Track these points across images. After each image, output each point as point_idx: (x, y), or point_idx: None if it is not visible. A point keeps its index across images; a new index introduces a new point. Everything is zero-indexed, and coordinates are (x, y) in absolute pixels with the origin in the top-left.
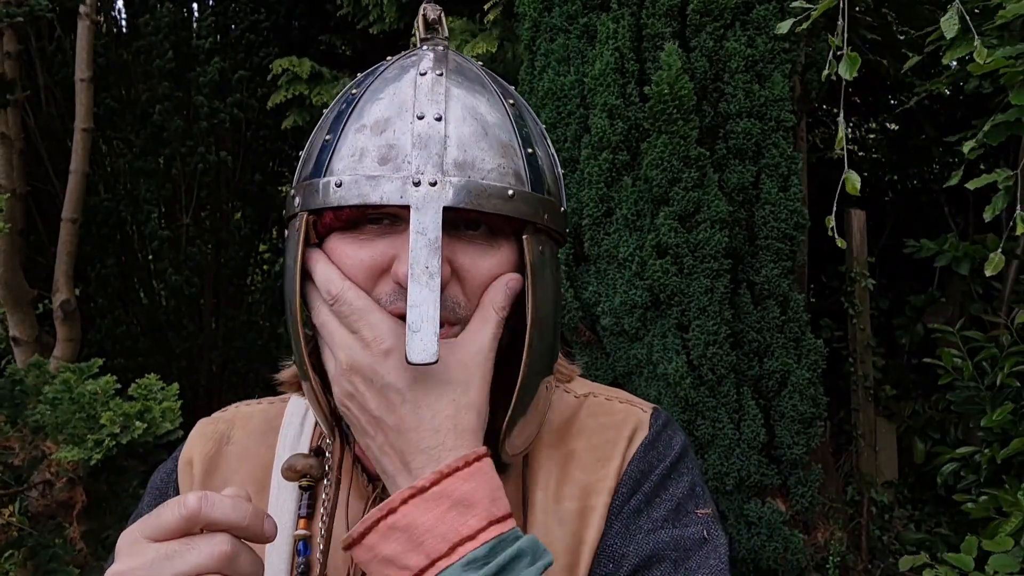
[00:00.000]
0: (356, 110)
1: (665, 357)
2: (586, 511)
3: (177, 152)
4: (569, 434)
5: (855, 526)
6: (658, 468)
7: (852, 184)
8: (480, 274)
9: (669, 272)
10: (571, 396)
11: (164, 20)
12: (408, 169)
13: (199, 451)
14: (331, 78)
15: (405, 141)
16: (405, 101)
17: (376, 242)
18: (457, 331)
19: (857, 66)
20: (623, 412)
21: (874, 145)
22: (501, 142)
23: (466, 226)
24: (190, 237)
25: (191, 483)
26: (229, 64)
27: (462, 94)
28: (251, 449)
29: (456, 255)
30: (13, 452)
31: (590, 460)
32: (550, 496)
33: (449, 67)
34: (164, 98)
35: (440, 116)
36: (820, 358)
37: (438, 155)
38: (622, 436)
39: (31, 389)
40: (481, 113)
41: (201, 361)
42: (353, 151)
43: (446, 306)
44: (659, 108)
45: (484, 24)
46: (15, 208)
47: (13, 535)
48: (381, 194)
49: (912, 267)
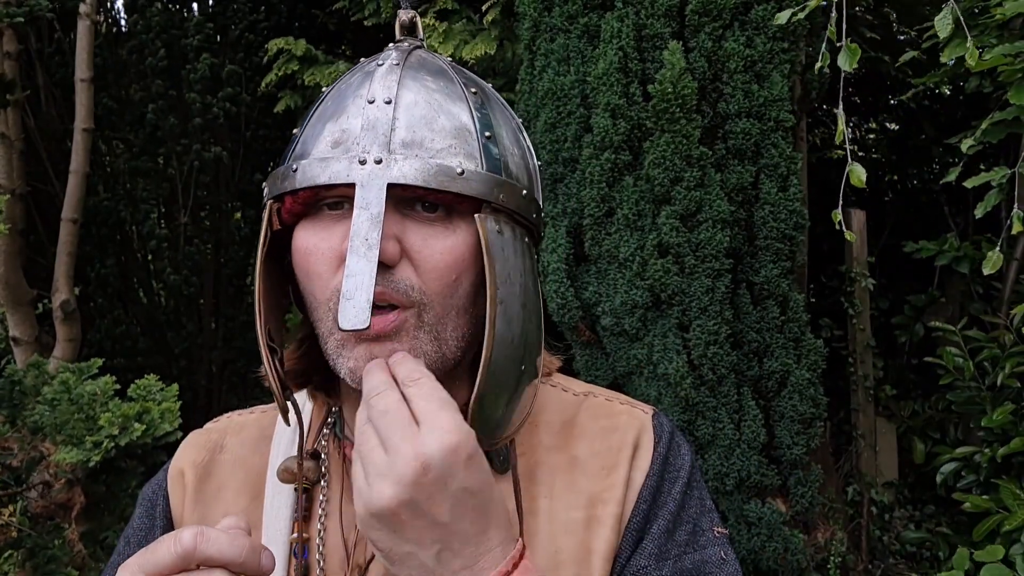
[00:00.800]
0: (322, 104)
1: (665, 357)
2: (592, 521)
3: (173, 150)
4: (571, 436)
5: (855, 526)
6: (676, 485)
7: (857, 176)
8: (432, 255)
9: (670, 272)
10: (569, 395)
11: (155, 19)
12: (356, 149)
13: (190, 460)
14: (325, 61)
15: (355, 124)
16: (360, 90)
17: (334, 228)
18: (412, 315)
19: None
20: (625, 415)
21: (874, 145)
22: (454, 125)
23: (423, 208)
24: (188, 237)
25: (183, 492)
26: (220, 59)
27: (416, 82)
28: (244, 457)
29: (407, 234)
30: (12, 453)
31: (594, 468)
32: (556, 504)
33: (410, 60)
34: (158, 97)
35: (390, 100)
36: (820, 358)
37: (384, 135)
38: (626, 443)
39: (30, 389)
40: (436, 98)
41: (201, 361)
42: (312, 140)
43: (398, 288)
44: (662, 107)
45: (483, 24)
46: (15, 208)
47: (12, 536)
48: (330, 174)
49: (912, 267)
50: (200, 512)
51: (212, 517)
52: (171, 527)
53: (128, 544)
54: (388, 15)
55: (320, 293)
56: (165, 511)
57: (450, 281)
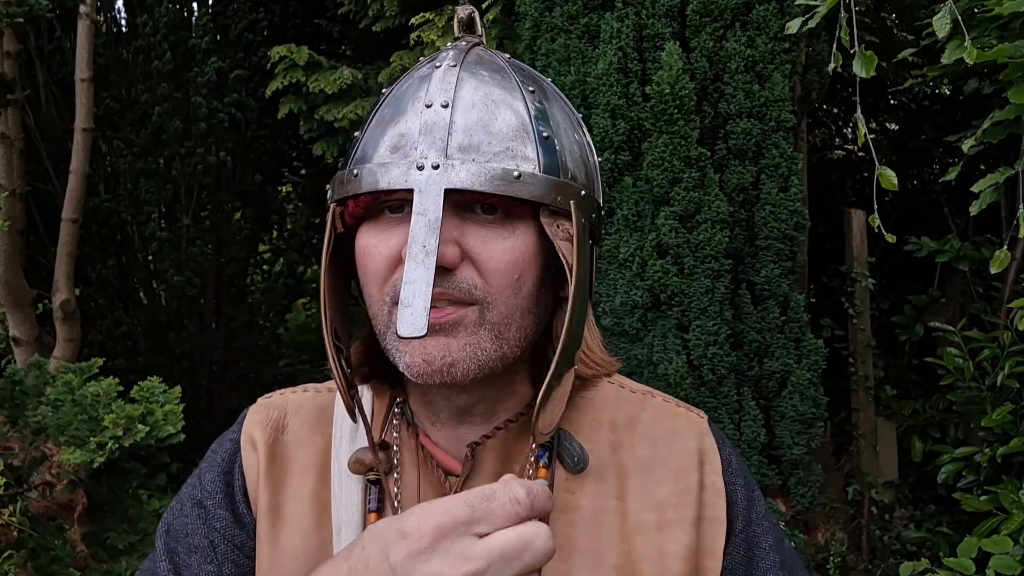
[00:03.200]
0: (382, 107)
1: (665, 357)
2: (663, 524)
3: (177, 153)
4: (635, 436)
5: (855, 526)
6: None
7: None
8: (493, 256)
9: (669, 272)
10: (627, 391)
11: (163, 20)
12: (414, 155)
13: (260, 436)
14: (328, 67)
15: (413, 129)
16: (419, 92)
17: (394, 231)
18: (474, 312)
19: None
20: (684, 419)
21: (874, 145)
22: (511, 126)
23: (483, 210)
24: (190, 238)
25: (256, 467)
26: (228, 63)
27: (475, 83)
28: (306, 438)
29: (467, 237)
30: (13, 452)
31: (663, 472)
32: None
33: (468, 59)
34: (163, 99)
35: (447, 103)
36: (820, 358)
37: (442, 140)
38: (691, 449)
39: (31, 390)
40: (493, 99)
41: (202, 362)
42: (372, 144)
43: (460, 288)
44: (660, 108)
45: (483, 23)
46: (15, 208)
47: (13, 536)
48: (389, 180)
49: (912, 267)
50: (270, 493)
51: (281, 500)
52: (248, 500)
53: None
54: (394, 18)
55: (377, 292)
56: (242, 482)
57: (513, 280)
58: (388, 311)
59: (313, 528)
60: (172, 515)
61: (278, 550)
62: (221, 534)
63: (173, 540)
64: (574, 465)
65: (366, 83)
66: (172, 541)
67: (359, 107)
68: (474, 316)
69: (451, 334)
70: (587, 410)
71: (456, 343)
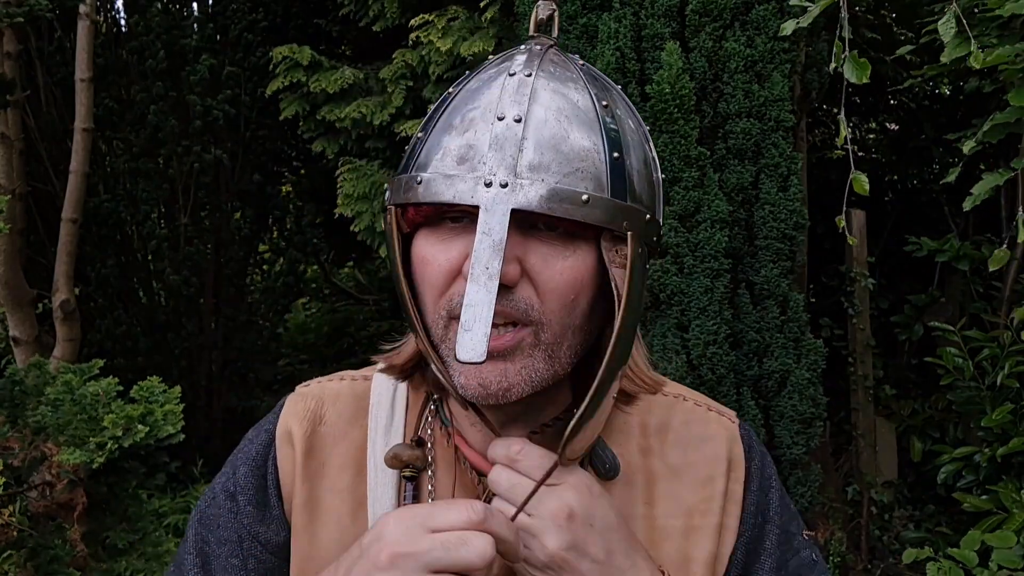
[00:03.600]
0: (448, 110)
1: (665, 357)
2: (690, 530)
3: (173, 152)
4: (665, 442)
5: (855, 526)
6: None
7: (860, 185)
8: (552, 276)
9: (669, 272)
10: (660, 395)
11: (155, 20)
12: (482, 170)
13: (298, 430)
14: (330, 67)
15: (483, 141)
16: (491, 102)
17: (453, 242)
18: (530, 333)
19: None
20: (715, 423)
21: (874, 145)
22: (583, 146)
23: (545, 227)
24: (189, 237)
25: (292, 462)
26: (220, 60)
27: (549, 95)
28: (344, 430)
29: (528, 255)
30: (13, 452)
31: (691, 478)
32: (654, 511)
33: (542, 67)
34: (158, 98)
35: (520, 118)
36: (820, 358)
37: (512, 157)
38: (720, 455)
39: (31, 389)
40: (566, 114)
41: (201, 361)
42: (437, 150)
43: (518, 308)
44: (660, 107)
45: (482, 22)
46: (15, 208)
47: (13, 535)
48: (454, 193)
49: (912, 267)
50: (308, 488)
51: (318, 493)
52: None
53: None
54: (394, 19)
55: (433, 303)
56: (276, 477)
57: (568, 301)
58: (444, 324)
59: (349, 523)
60: (206, 503)
61: (314, 543)
62: (248, 530)
63: (205, 529)
64: (605, 472)
65: (367, 82)
66: (204, 530)
67: (361, 106)
68: (530, 339)
69: (508, 359)
70: (617, 414)
71: (513, 368)
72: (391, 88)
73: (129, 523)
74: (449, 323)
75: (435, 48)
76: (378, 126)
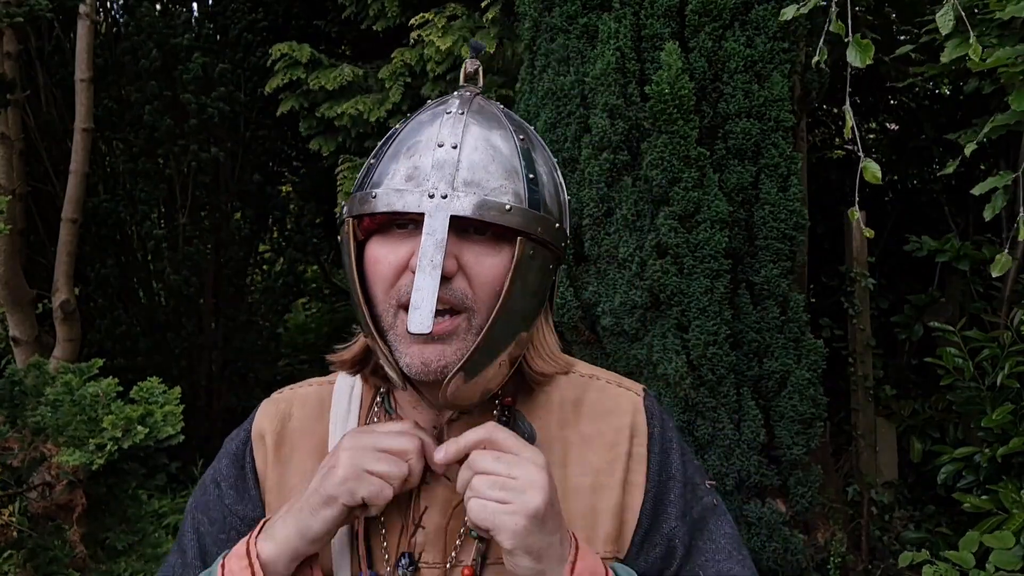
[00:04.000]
0: (396, 141)
1: (665, 357)
2: (597, 487)
3: (170, 151)
4: (580, 415)
5: (855, 526)
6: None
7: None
8: (483, 270)
9: (669, 272)
10: (576, 376)
11: (145, 20)
12: (426, 185)
13: (269, 428)
14: (329, 65)
15: (427, 163)
16: (432, 134)
17: (401, 244)
18: (464, 319)
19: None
20: (622, 398)
21: (874, 145)
22: (506, 168)
23: (476, 231)
24: (188, 237)
25: (265, 455)
26: (212, 58)
27: (478, 129)
28: (309, 426)
29: (463, 253)
30: (12, 453)
31: (599, 444)
32: (567, 472)
33: (472, 108)
34: (153, 97)
35: (456, 145)
36: (820, 358)
37: (450, 175)
38: (624, 425)
39: (31, 390)
40: (493, 144)
41: (201, 361)
42: (388, 172)
43: (455, 296)
44: (659, 108)
45: (483, 22)
46: (15, 208)
47: (12, 536)
48: (404, 203)
49: (912, 267)
50: (278, 472)
51: (288, 476)
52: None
53: (218, 485)
54: (395, 18)
55: (383, 295)
56: (252, 467)
57: (495, 292)
58: (393, 312)
59: None
60: (199, 492)
61: None
62: (230, 510)
63: (199, 512)
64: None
65: (366, 80)
66: (198, 513)
67: (359, 103)
68: (465, 325)
69: (446, 342)
70: (539, 392)
71: (450, 349)
72: (389, 85)
73: (128, 524)
74: (398, 311)
75: (435, 47)
76: (375, 123)
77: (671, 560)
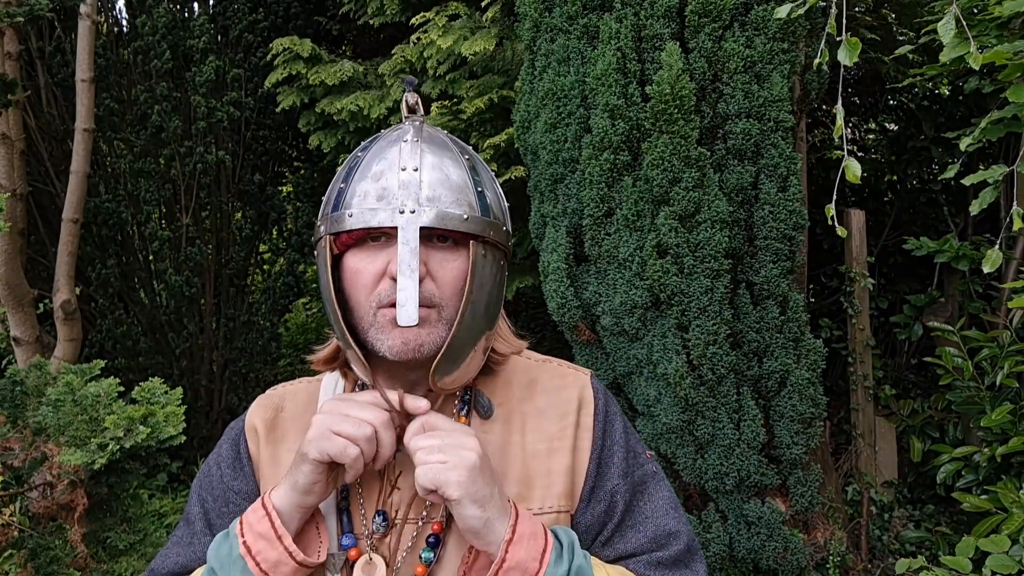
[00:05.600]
0: (362, 166)
1: (665, 357)
2: (551, 451)
3: (176, 152)
4: (535, 392)
5: (855, 526)
6: (617, 425)
7: (852, 173)
8: (446, 273)
9: (669, 272)
10: (532, 361)
11: (161, 20)
12: (396, 203)
13: (260, 418)
14: (329, 60)
15: (394, 185)
16: (394, 159)
17: (377, 255)
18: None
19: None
20: (571, 377)
21: (874, 145)
22: (458, 184)
23: (438, 239)
24: (190, 237)
25: (257, 440)
26: (225, 62)
27: (432, 154)
28: (299, 416)
29: (430, 260)
30: (13, 452)
31: (552, 414)
32: (525, 439)
33: (423, 136)
34: (162, 99)
35: (416, 168)
36: (819, 358)
37: (415, 193)
38: (573, 398)
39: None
40: (446, 165)
41: (202, 361)
42: (360, 193)
43: (424, 295)
44: (660, 108)
45: (483, 22)
46: (16, 208)
47: (13, 536)
48: (378, 220)
49: (912, 267)
50: (270, 452)
51: (279, 454)
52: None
53: (219, 466)
54: (395, 14)
55: (364, 299)
56: (247, 453)
57: (458, 289)
58: (374, 313)
59: None
60: (203, 472)
61: None
62: (228, 486)
63: (203, 490)
64: (484, 413)
65: (365, 77)
66: (202, 491)
67: (359, 99)
68: (435, 315)
69: (421, 326)
70: (500, 375)
71: (424, 331)
72: (390, 82)
73: (129, 524)
74: (378, 311)
75: (436, 46)
76: (375, 119)
77: (612, 514)
